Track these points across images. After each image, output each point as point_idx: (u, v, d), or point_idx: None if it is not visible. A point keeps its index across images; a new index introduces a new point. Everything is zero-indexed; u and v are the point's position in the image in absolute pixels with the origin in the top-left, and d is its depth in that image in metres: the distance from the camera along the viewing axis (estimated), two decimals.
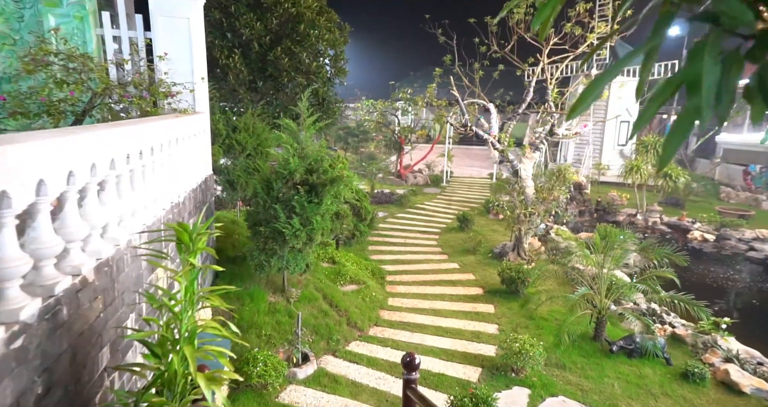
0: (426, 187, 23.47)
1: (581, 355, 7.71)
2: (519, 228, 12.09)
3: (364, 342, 8.06)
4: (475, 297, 10.23)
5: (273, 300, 7.92)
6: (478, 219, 16.11)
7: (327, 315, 8.25)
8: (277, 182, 7.23)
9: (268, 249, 7.48)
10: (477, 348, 8.02)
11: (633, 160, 16.78)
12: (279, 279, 8.40)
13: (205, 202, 6.97)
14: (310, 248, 7.90)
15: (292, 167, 7.12)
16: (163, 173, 4.78)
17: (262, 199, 7.30)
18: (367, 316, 8.88)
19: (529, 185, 12.23)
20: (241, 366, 5.95)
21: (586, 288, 7.79)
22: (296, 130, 7.30)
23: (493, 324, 8.96)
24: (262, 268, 7.47)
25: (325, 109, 16.01)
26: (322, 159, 7.58)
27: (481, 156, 34.94)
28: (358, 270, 10.67)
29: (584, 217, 17.30)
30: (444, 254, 13.15)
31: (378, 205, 18.56)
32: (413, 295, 10.28)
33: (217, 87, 13.82)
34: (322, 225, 7.58)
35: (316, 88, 14.96)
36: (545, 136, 12.00)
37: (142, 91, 6.02)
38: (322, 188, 7.30)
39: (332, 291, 9.05)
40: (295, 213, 7.28)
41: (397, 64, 52.49)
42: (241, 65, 13.34)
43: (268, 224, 7.35)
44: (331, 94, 16.11)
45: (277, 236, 7.26)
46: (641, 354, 7.51)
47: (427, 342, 8.18)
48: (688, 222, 16.32)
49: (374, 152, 26.15)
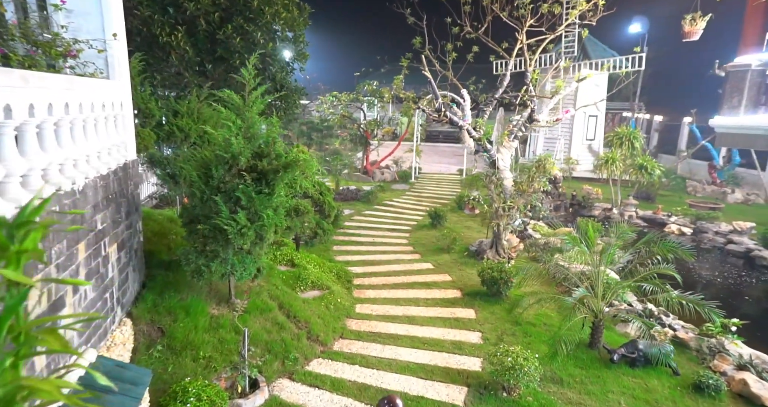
0: (394, 183, 22.37)
1: (578, 366, 6.72)
2: (497, 224, 11.10)
3: (328, 359, 6.80)
4: (453, 301, 9.13)
5: (216, 312, 6.54)
6: (450, 216, 15.11)
7: (283, 328, 6.95)
8: (217, 168, 5.87)
9: (209, 251, 6.11)
10: (460, 361, 6.91)
11: (608, 151, 16.20)
12: (224, 288, 7.03)
13: (124, 194, 5.55)
14: (261, 249, 6.57)
15: (235, 149, 5.78)
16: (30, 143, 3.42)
17: (199, 190, 5.92)
18: (332, 327, 7.63)
19: (507, 177, 11.27)
20: (165, 403, 4.59)
21: (582, 289, 6.81)
22: (241, 105, 5.96)
23: (476, 332, 7.89)
24: (201, 275, 6.09)
25: (284, 97, 14.64)
26: (273, 141, 6.28)
27: (449, 153, 34.26)
28: (321, 274, 9.40)
29: (559, 212, 16.60)
30: (416, 253, 12.03)
31: (343, 202, 17.31)
32: (384, 300, 9.10)
33: (158, 69, 12.22)
34: (275, 220, 6.28)
35: (273, 72, 13.57)
36: (524, 124, 11.06)
37: (30, 48, 4.56)
38: (273, 175, 5.99)
39: (290, 299, 7.74)
40: (241, 206, 5.95)
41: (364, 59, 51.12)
42: (186, 45, 11.78)
43: (207, 220, 5.98)
44: (290, 81, 14.74)
45: (219, 235, 5.90)
46: (645, 363, 6.58)
47: (401, 356, 7.01)
48: (663, 215, 15.88)
49: (339, 149, 24.83)
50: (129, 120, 6.07)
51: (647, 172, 15.53)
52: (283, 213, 6.54)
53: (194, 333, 5.89)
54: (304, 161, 5.87)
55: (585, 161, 25.18)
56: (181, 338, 5.71)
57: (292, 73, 15.03)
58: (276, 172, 5.97)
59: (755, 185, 21.84)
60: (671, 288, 6.74)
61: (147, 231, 7.25)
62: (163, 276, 6.53)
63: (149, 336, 5.61)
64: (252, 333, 6.40)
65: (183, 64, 11.92)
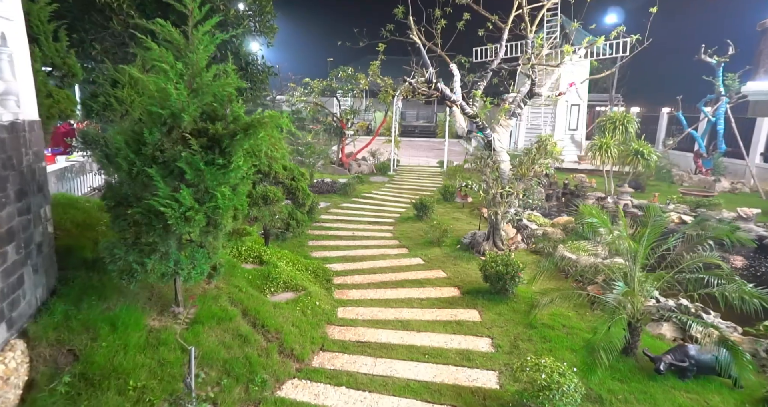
0: (372, 175, 20.95)
1: (617, 379, 5.46)
2: (495, 212, 9.82)
3: (306, 380, 5.33)
4: (452, 301, 7.79)
5: (157, 324, 4.98)
6: (436, 208, 13.81)
7: (247, 341, 5.44)
8: (151, 131, 4.31)
9: (143, 243, 4.55)
10: (470, 377, 5.55)
11: (599, 138, 15.21)
12: (170, 291, 5.46)
13: (12, 165, 3.94)
14: (215, 240, 5.05)
15: (175, 104, 4.24)
16: None
17: (127, 160, 4.35)
18: (309, 337, 6.16)
19: (504, 159, 10.00)
20: None
21: (622, 284, 5.54)
22: (182, 44, 4.42)
23: (484, 338, 6.55)
24: (132, 276, 4.52)
25: (250, 75, 13.01)
26: (230, 98, 4.76)
27: (425, 147, 33.19)
28: (296, 272, 7.91)
29: (551, 202, 15.52)
30: (403, 247, 10.64)
31: (319, 195, 15.78)
32: (371, 302, 7.67)
33: (97, 38, 10.42)
34: (234, 202, 4.77)
35: (237, 45, 11.93)
36: (523, 99, 9.82)
37: None
38: (229, 141, 4.47)
39: (257, 304, 6.23)
40: (186, 182, 4.42)
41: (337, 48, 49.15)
42: (131, 8, 10.05)
43: (140, 202, 4.42)
44: (256, 56, 13.12)
45: (155, 221, 4.35)
46: (698, 373, 5.38)
47: (398, 371, 5.60)
48: (660, 204, 15.00)
49: (312, 142, 23.17)
50: (22, 64, 4.43)
51: (644, 158, 14.59)
52: (245, 192, 5.03)
53: (123, 354, 4.32)
54: (271, 118, 4.36)
55: (568, 152, 24.33)
56: (102, 363, 4.13)
57: (260, 50, 13.44)
58: (233, 135, 4.46)
59: (736, 174, 21.45)
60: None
61: (67, 222, 5.62)
62: (83, 278, 4.92)
63: (54, 363, 4.02)
64: (205, 351, 4.88)
65: (127, 32, 10.16)
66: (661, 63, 31.01)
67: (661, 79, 30.66)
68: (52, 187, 9.75)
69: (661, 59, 30.41)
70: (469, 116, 9.50)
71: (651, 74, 32.60)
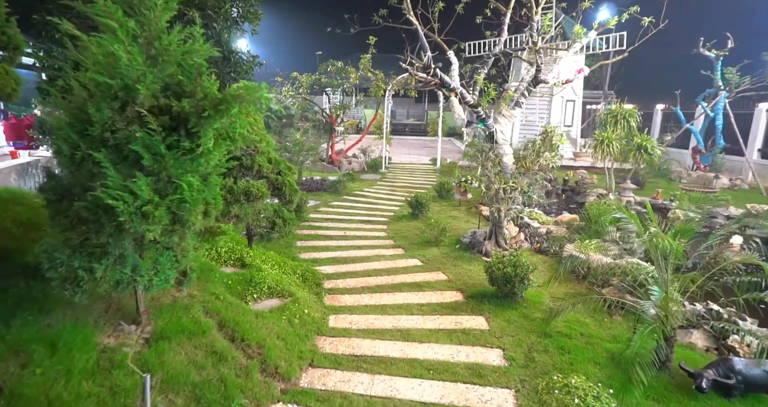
0: (363, 173, 20.17)
1: (652, 398, 4.74)
2: (497, 209, 9.10)
3: (293, 404, 4.54)
4: (455, 307, 7.04)
5: (111, 342, 4.14)
6: (432, 206, 13.07)
7: (223, 359, 4.63)
8: (99, 107, 3.49)
9: (91, 245, 3.72)
10: (483, 397, 4.80)
11: (603, 132, 14.59)
12: (131, 302, 4.63)
13: None
14: (183, 240, 4.23)
15: (127, 72, 3.42)
16: None
17: (69, 143, 3.52)
18: (297, 352, 5.36)
19: (507, 152, 9.28)
20: None
21: (658, 289, 4.82)
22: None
23: (495, 349, 5.81)
24: (77, 284, 3.68)
25: (233, 64, 12.14)
26: (199, 70, 3.93)
27: (417, 145, 32.50)
28: (282, 276, 7.10)
29: (551, 199, 14.86)
30: (398, 248, 9.87)
31: (308, 193, 14.98)
32: (366, 308, 6.89)
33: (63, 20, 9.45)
34: (205, 194, 3.96)
35: (218, 30, 11.06)
36: (527, 87, 9.11)
37: None
38: (196, 120, 3.66)
39: (236, 314, 5.42)
40: (143, 168, 3.61)
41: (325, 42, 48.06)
42: None
43: (85, 194, 3.59)
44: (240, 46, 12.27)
45: (104, 217, 3.53)
46: (745, 391, 4.69)
47: (400, 391, 4.84)
48: (664, 200, 14.43)
49: (301, 140, 22.33)
50: None
51: (647, 153, 13.99)
52: (218, 183, 4.21)
53: (63, 383, 3.49)
54: (246, 91, 3.56)
55: (564, 148, 23.78)
56: (33, 396, 3.29)
57: (244, 37, 12.58)
58: (201, 113, 3.65)
59: (733, 171, 21.09)
60: None
61: (7, 221, 4.75)
62: (19, 289, 4.08)
63: None
64: (170, 374, 4.06)
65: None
66: (654, 58, 30.63)
67: (655, 75, 30.28)
68: (13, 185, 8.87)
69: (655, 54, 30.01)
70: (469, 105, 8.76)
71: (644, 70, 32.22)
